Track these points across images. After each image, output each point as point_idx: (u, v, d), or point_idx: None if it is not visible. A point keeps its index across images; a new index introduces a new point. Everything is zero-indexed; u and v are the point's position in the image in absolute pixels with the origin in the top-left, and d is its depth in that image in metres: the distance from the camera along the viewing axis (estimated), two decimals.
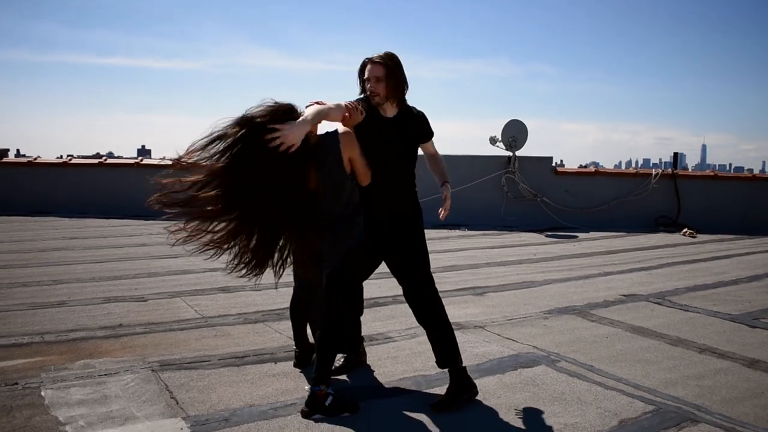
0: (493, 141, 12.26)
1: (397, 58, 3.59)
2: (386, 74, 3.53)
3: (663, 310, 5.66)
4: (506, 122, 12.27)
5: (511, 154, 12.18)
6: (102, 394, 3.49)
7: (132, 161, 12.68)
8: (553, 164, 12.55)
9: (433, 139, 3.93)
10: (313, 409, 3.26)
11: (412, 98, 3.72)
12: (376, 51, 3.64)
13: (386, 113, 3.60)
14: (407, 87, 3.64)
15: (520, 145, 12.20)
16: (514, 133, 12.16)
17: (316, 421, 3.22)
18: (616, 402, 3.53)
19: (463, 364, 3.58)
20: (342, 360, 3.97)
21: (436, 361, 3.63)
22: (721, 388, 3.78)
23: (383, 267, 3.76)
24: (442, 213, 3.81)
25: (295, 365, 4.01)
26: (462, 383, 3.51)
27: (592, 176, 12.53)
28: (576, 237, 10.75)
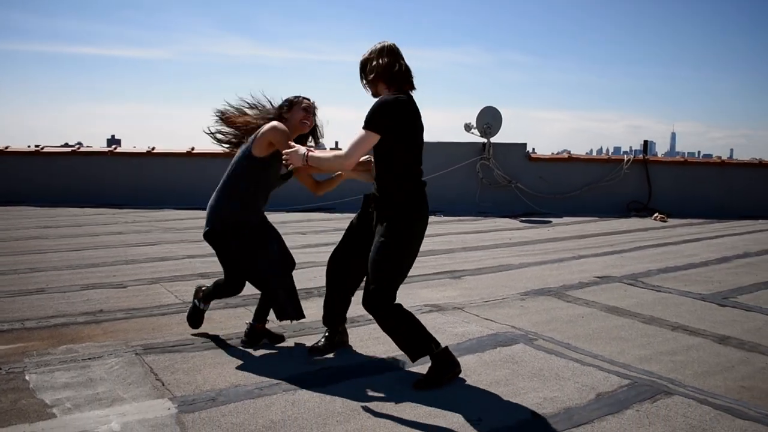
0: (467, 128, 12.35)
1: (364, 62, 3.65)
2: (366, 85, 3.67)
3: (636, 291, 5.80)
4: (481, 109, 12.36)
5: (485, 140, 12.29)
6: (87, 377, 3.50)
7: (105, 150, 12.55)
8: (527, 151, 12.68)
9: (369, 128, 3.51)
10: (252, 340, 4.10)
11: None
12: (348, 40, 3.85)
13: None
14: (388, 77, 3.59)
15: (495, 131, 12.30)
16: (489, 120, 12.26)
17: (302, 399, 3.28)
18: (593, 377, 3.64)
19: (444, 346, 3.62)
20: (323, 340, 4.03)
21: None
22: (693, 363, 3.90)
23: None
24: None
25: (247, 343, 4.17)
26: (444, 362, 3.57)
27: (565, 162, 12.69)
28: (550, 222, 10.90)
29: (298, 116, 3.98)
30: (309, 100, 4.06)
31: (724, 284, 6.10)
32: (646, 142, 13.61)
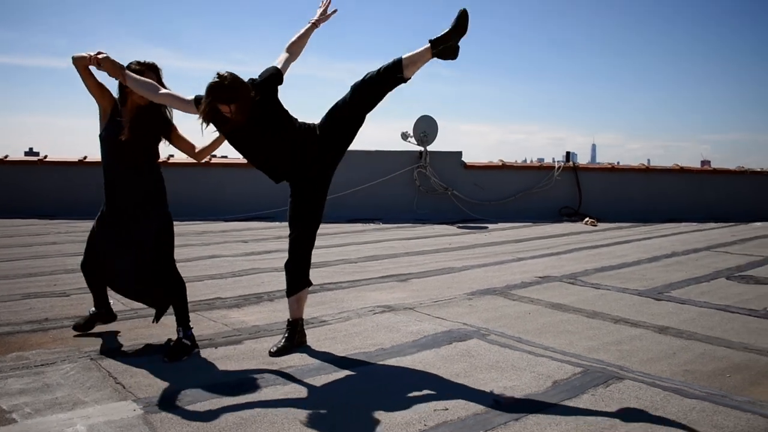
0: (404, 136, 12.53)
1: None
2: None
3: (576, 289, 6.02)
4: (417, 118, 12.57)
5: (422, 149, 12.49)
6: (43, 383, 3.42)
7: (34, 159, 12.11)
8: (462, 159, 12.94)
9: None
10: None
11: (316, 99, 4.03)
12: (276, 53, 4.01)
13: None
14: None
15: (431, 140, 12.52)
16: (425, 129, 12.48)
17: (268, 395, 3.30)
18: (548, 366, 3.79)
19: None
20: (283, 341, 4.06)
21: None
22: (638, 351, 4.11)
23: (316, 257, 3.94)
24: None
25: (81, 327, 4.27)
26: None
27: (499, 170, 13.01)
28: (486, 228, 11.16)
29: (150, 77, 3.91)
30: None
31: (656, 281, 6.40)
32: (568, 153, 14.11)
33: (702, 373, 3.70)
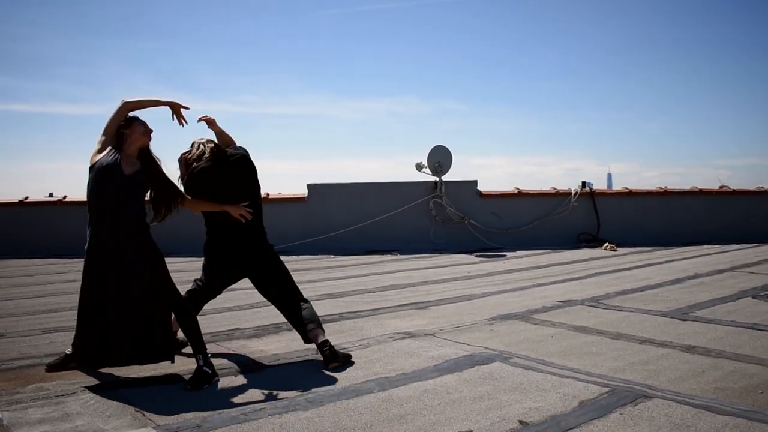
0: (419, 167, 12.54)
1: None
2: None
3: (599, 312, 5.93)
4: (431, 148, 12.58)
5: (437, 179, 12.48)
6: (63, 412, 3.39)
7: (54, 200, 12.22)
8: (477, 188, 12.90)
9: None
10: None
11: (325, 138, 4.03)
12: (286, 93, 4.06)
13: None
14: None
15: (446, 170, 12.51)
16: (440, 159, 12.47)
17: (290, 422, 3.24)
18: (573, 387, 3.70)
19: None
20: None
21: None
22: (665, 371, 4.01)
23: (335, 288, 3.85)
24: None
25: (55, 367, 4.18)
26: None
27: (515, 197, 12.95)
28: (504, 256, 11.08)
29: (139, 129, 4.04)
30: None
31: (681, 302, 6.30)
32: (584, 182, 13.92)
33: (733, 390, 3.61)
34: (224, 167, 4.36)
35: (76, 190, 12.37)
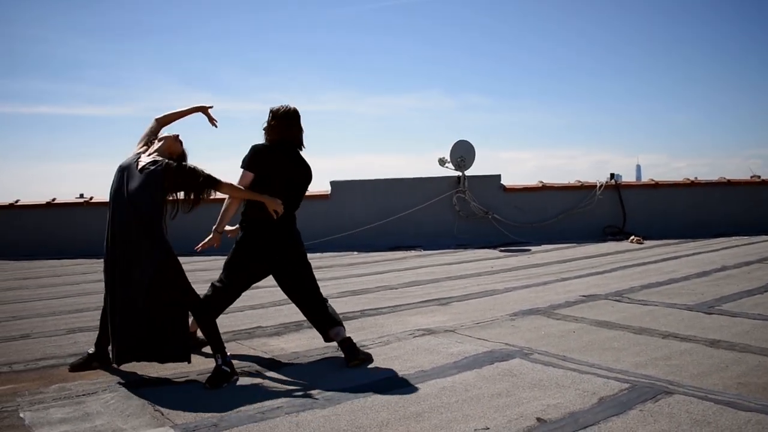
0: (442, 162, 12.50)
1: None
2: None
3: (622, 306, 5.86)
4: (454, 143, 12.53)
5: (460, 173, 12.43)
6: (83, 411, 3.44)
7: (80, 201, 12.40)
8: (501, 182, 12.81)
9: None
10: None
11: (348, 135, 4.03)
12: (312, 91, 4.11)
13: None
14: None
15: (469, 164, 12.46)
16: (462, 153, 12.42)
17: (306, 420, 3.25)
18: (593, 383, 3.66)
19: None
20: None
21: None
22: (688, 366, 3.95)
23: (358, 284, 3.85)
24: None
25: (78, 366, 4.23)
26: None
27: (539, 191, 12.84)
28: (529, 250, 10.99)
29: (169, 138, 4.30)
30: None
31: (707, 295, 6.19)
32: (612, 174, 13.75)
33: (757, 385, 3.54)
34: (294, 156, 4.45)
35: (103, 191, 12.49)
